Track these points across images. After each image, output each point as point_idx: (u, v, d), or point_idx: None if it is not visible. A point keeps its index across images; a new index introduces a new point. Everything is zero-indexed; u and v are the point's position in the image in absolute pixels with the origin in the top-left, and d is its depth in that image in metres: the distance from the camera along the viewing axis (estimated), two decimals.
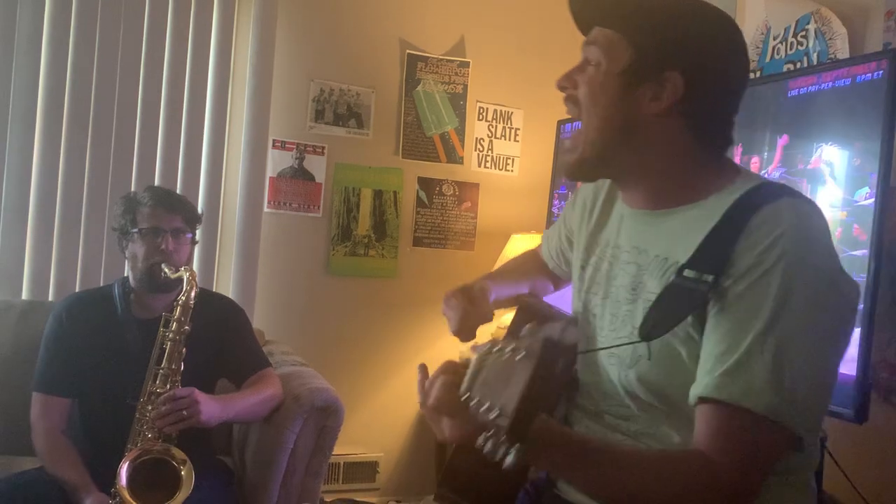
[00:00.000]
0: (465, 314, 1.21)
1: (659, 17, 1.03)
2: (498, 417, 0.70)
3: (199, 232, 2.11)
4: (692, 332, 0.98)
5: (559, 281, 1.46)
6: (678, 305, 0.97)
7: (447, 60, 3.14)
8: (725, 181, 1.05)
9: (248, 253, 2.81)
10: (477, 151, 3.23)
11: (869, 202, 1.66)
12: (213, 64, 2.77)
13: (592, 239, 1.22)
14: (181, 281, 1.91)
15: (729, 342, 0.92)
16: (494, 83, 3.22)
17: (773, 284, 0.92)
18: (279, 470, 2.01)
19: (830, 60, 2.11)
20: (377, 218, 3.08)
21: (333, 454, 2.16)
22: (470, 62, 3.17)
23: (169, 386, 1.82)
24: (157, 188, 2.10)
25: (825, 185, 1.80)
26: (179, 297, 1.90)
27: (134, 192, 2.11)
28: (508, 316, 1.29)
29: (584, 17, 1.09)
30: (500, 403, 0.71)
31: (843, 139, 1.78)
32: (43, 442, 1.88)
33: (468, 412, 0.80)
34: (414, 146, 3.12)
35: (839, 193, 1.75)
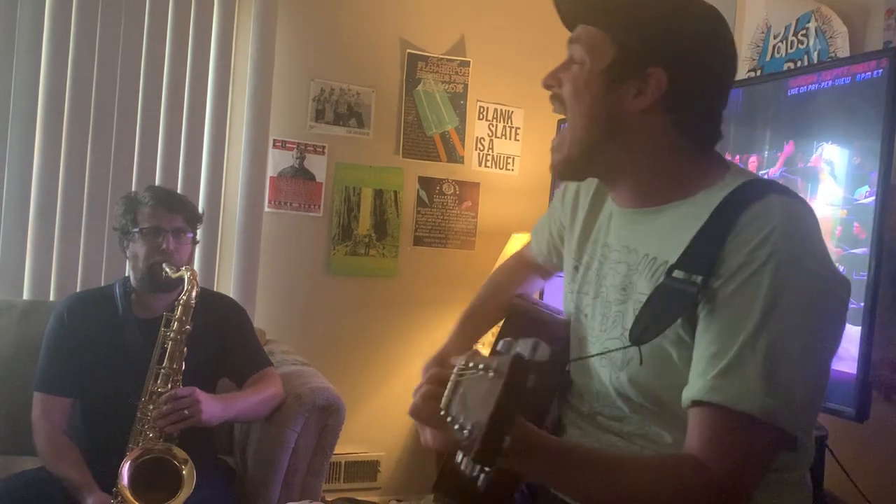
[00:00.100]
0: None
1: (641, 13, 1.02)
2: (469, 438, 0.70)
3: (199, 231, 2.11)
4: (683, 333, 0.97)
5: (548, 273, 1.45)
6: (668, 308, 0.96)
7: (447, 60, 3.14)
8: (715, 177, 1.04)
9: (248, 252, 2.81)
10: (477, 151, 3.22)
11: (869, 200, 1.66)
12: (213, 63, 2.77)
13: (583, 238, 1.21)
14: (182, 280, 1.91)
15: (720, 344, 0.91)
16: (495, 82, 3.22)
17: (763, 284, 0.90)
18: (280, 469, 2.01)
19: (831, 59, 2.11)
20: (378, 217, 3.08)
21: (335, 453, 2.16)
22: (470, 61, 3.17)
23: (170, 385, 1.83)
24: (157, 188, 2.11)
25: (820, 183, 1.80)
26: (180, 296, 1.90)
27: (135, 191, 2.11)
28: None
29: (568, 14, 1.09)
30: (471, 423, 0.70)
31: (843, 138, 1.78)
32: (44, 441, 1.88)
33: (447, 427, 0.79)
34: (414, 146, 3.12)
35: (839, 192, 1.75)
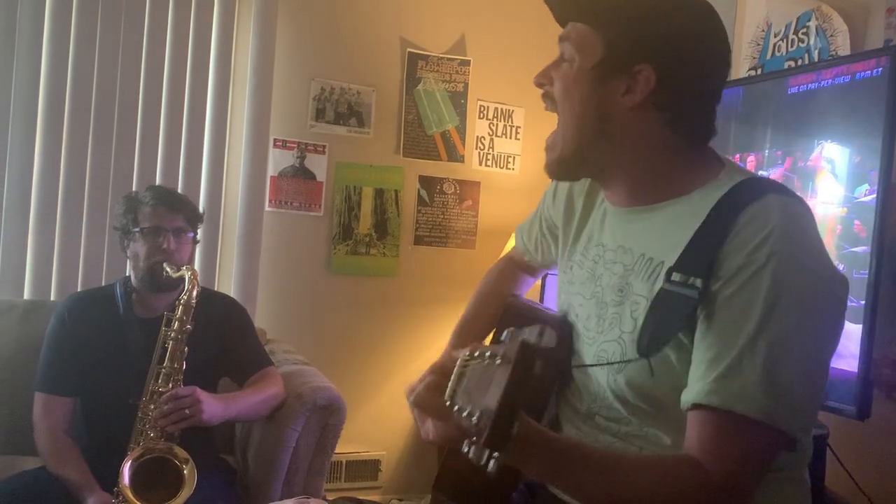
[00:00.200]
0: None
1: (630, 10, 1.02)
2: (478, 424, 0.70)
3: (200, 231, 2.12)
4: (682, 337, 0.96)
5: (537, 271, 1.44)
6: (672, 316, 0.95)
7: (448, 59, 3.14)
8: (710, 175, 1.03)
9: (249, 252, 2.81)
10: (478, 150, 3.22)
11: (868, 199, 1.66)
12: (213, 63, 2.77)
13: (577, 237, 1.21)
14: (183, 280, 1.91)
15: (720, 346, 0.91)
16: (495, 81, 3.21)
17: (762, 286, 0.90)
18: (281, 468, 2.01)
19: (831, 57, 2.11)
20: (378, 217, 3.08)
21: (336, 453, 2.16)
22: (471, 60, 3.17)
23: (171, 385, 1.83)
24: (158, 187, 2.11)
25: (821, 182, 1.80)
26: (181, 296, 1.90)
27: (135, 191, 2.12)
28: None
29: (559, 11, 1.09)
30: (479, 409, 0.71)
31: (843, 136, 1.78)
32: (45, 441, 1.88)
33: (452, 416, 0.79)
34: (415, 145, 3.12)
35: (840, 190, 1.75)
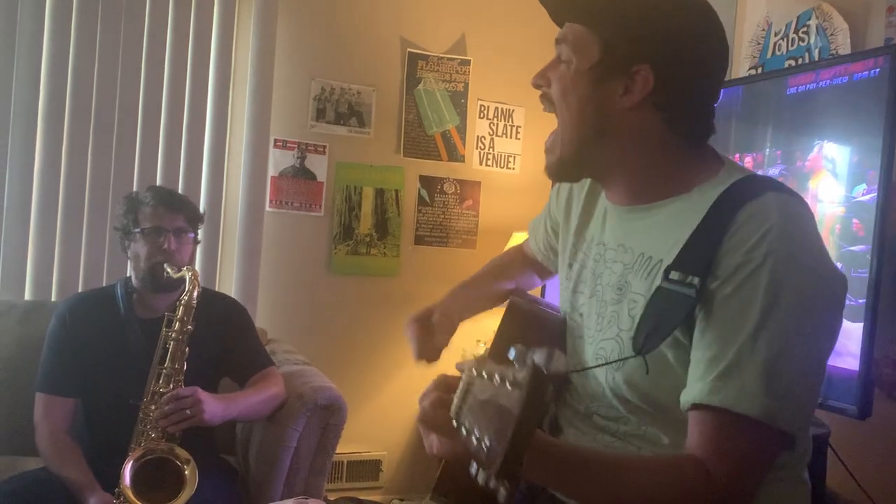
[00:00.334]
0: (421, 343, 1.22)
1: (626, 10, 1.02)
2: (488, 454, 0.69)
3: (201, 231, 2.12)
4: (680, 336, 0.96)
5: (546, 272, 1.44)
6: (669, 314, 0.95)
7: (448, 58, 3.14)
8: (709, 173, 1.03)
9: (250, 252, 2.81)
10: (478, 149, 3.22)
11: (867, 198, 1.66)
12: (214, 63, 2.77)
13: (578, 236, 1.21)
14: (183, 280, 1.91)
15: (719, 346, 0.91)
16: (495, 81, 3.22)
17: (761, 284, 0.90)
18: (283, 468, 2.01)
19: (831, 56, 2.11)
20: (379, 216, 3.08)
21: (337, 453, 2.17)
22: (471, 60, 3.17)
23: (172, 385, 1.83)
24: (159, 188, 2.11)
25: (820, 181, 1.80)
26: (182, 296, 1.90)
27: (136, 191, 2.12)
28: (494, 321, 1.29)
29: (555, 12, 1.08)
30: (489, 437, 0.69)
31: (841, 136, 1.78)
32: (46, 442, 1.89)
33: (459, 436, 0.78)
34: (415, 144, 3.12)
35: (838, 190, 1.75)
